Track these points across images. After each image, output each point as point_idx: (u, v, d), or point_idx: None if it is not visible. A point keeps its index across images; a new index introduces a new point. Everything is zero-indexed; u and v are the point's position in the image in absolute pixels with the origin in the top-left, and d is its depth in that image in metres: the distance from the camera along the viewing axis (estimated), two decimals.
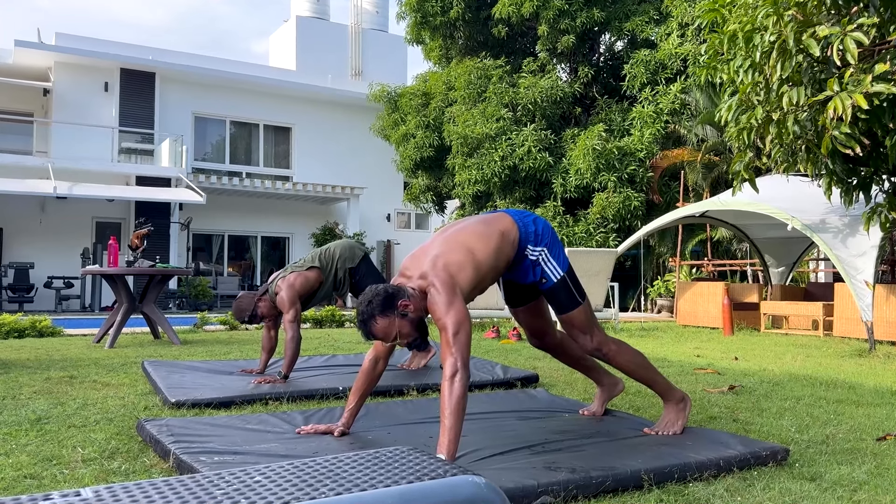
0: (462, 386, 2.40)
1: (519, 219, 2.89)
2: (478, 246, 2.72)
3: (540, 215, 3.13)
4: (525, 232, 2.86)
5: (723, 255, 15.18)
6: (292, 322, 4.38)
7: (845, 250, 7.42)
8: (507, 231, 2.82)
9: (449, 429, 2.35)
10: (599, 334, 2.98)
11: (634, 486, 2.34)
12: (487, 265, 2.72)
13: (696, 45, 13.05)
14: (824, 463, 2.71)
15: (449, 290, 2.56)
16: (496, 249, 2.75)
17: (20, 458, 2.69)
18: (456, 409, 2.37)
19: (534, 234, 2.87)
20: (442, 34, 16.67)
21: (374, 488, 1.34)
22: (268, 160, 20.21)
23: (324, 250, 4.75)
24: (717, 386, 4.60)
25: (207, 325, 9.37)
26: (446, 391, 2.39)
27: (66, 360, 5.71)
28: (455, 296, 2.56)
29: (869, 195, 5.86)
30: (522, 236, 2.85)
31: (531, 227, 2.89)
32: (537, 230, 2.88)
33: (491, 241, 2.76)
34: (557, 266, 2.88)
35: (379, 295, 2.57)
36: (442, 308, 2.52)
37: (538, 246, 2.86)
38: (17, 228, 16.63)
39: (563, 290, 2.89)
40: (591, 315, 2.97)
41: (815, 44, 4.64)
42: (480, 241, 2.74)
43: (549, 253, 2.87)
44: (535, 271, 2.87)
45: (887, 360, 6.26)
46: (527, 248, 2.85)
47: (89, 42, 17.99)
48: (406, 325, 2.59)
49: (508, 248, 2.81)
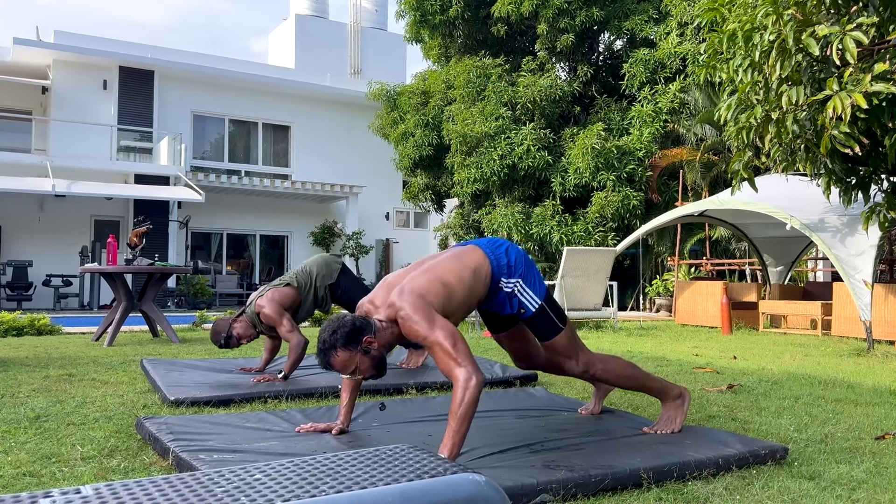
0: (477, 391, 2.38)
1: (490, 251, 2.82)
2: (450, 280, 2.66)
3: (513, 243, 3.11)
4: (497, 265, 2.79)
5: (721, 255, 15.19)
6: (291, 331, 4.33)
7: (844, 249, 7.42)
8: (478, 267, 2.75)
9: (455, 431, 2.34)
10: (584, 356, 2.94)
11: (634, 485, 2.34)
12: (458, 299, 2.66)
13: (696, 45, 13.05)
14: (823, 462, 2.71)
15: (422, 310, 2.51)
16: (468, 288, 2.69)
17: (19, 455, 2.69)
18: (466, 413, 2.36)
19: (506, 267, 2.80)
20: (441, 33, 16.65)
21: (374, 486, 1.34)
22: (267, 158, 20.20)
23: (300, 270, 4.70)
24: (716, 385, 4.61)
25: (206, 324, 9.36)
26: (459, 394, 2.36)
27: (64, 359, 5.71)
28: (431, 312, 2.51)
29: (868, 194, 5.86)
30: (495, 270, 2.78)
31: (503, 259, 2.81)
32: (510, 262, 2.81)
33: (463, 278, 2.69)
34: (534, 295, 2.82)
35: (345, 326, 2.52)
36: (424, 328, 2.47)
37: (512, 277, 2.80)
38: (16, 226, 16.62)
39: (542, 318, 2.84)
40: (574, 338, 2.93)
41: (815, 43, 4.64)
42: (453, 276, 2.68)
43: (524, 283, 2.81)
44: (511, 303, 2.81)
45: (886, 360, 6.27)
46: (501, 281, 2.79)
47: (88, 40, 17.96)
48: (366, 362, 2.55)
49: (480, 285, 2.74)
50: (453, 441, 2.34)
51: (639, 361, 5.86)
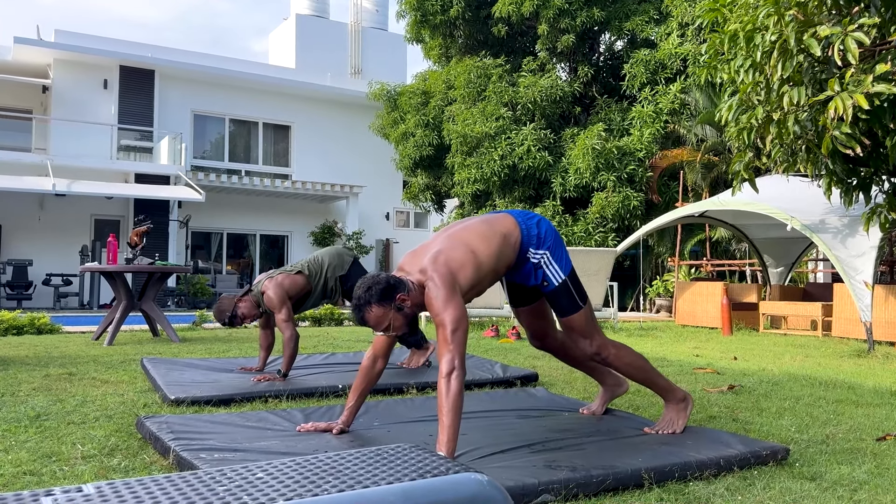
0: (458, 383, 2.40)
1: (522, 220, 2.87)
2: (480, 246, 2.71)
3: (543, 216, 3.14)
4: (528, 235, 2.84)
5: (722, 255, 15.19)
6: (286, 321, 4.32)
7: (844, 251, 7.42)
8: (509, 233, 2.80)
9: (447, 427, 2.35)
10: (599, 338, 2.96)
11: (635, 485, 2.34)
12: (487, 267, 2.70)
13: (696, 45, 13.05)
14: (824, 462, 2.71)
15: (448, 286, 2.55)
16: (497, 252, 2.74)
17: (19, 454, 2.69)
18: (453, 407, 2.37)
19: (536, 237, 2.84)
20: (442, 33, 16.66)
21: (376, 485, 1.34)
22: (267, 158, 20.20)
23: (312, 259, 4.68)
24: (717, 385, 4.60)
25: (206, 323, 9.36)
26: (443, 389, 2.40)
27: (64, 358, 5.71)
28: (454, 292, 2.55)
29: (869, 195, 5.86)
30: (525, 239, 2.83)
31: (534, 229, 2.86)
32: (540, 233, 2.86)
33: (493, 242, 2.74)
34: (560, 269, 2.86)
35: (380, 283, 2.57)
36: (440, 303, 2.52)
37: (540, 249, 2.84)
38: (16, 225, 16.61)
39: (564, 293, 2.87)
40: (592, 318, 2.96)
41: (816, 44, 4.64)
42: (482, 241, 2.72)
43: (551, 256, 2.85)
44: (537, 274, 2.85)
45: (886, 361, 6.26)
46: (529, 251, 2.83)
47: (89, 39, 17.96)
48: (399, 319, 2.59)
49: (509, 251, 2.79)
50: (447, 436, 2.35)
51: None
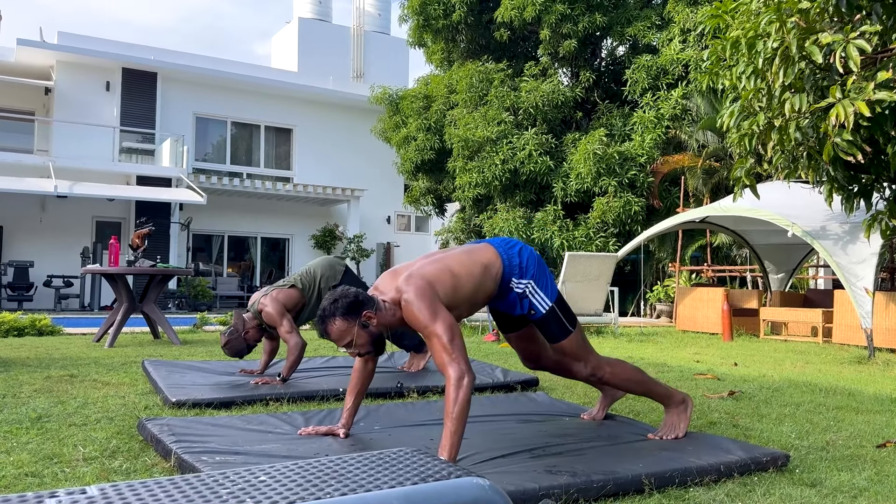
0: (469, 390, 2.39)
1: (503, 250, 2.80)
2: (459, 271, 2.65)
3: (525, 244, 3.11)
4: (509, 265, 2.78)
5: (722, 261, 15.19)
6: (290, 332, 4.35)
7: (845, 257, 7.43)
8: (490, 264, 2.74)
9: (453, 433, 2.35)
10: (593, 359, 2.93)
11: (635, 491, 2.34)
12: (465, 292, 2.65)
13: (698, 51, 13.06)
14: (824, 469, 2.71)
15: (427, 298, 2.50)
16: (477, 282, 2.68)
17: (21, 456, 2.69)
18: (461, 413, 2.37)
19: (518, 267, 2.79)
20: (444, 37, 16.69)
21: (378, 489, 1.34)
22: (268, 161, 20.22)
23: (304, 271, 4.73)
24: (717, 391, 4.60)
25: (207, 326, 9.37)
26: (452, 394, 2.37)
27: (66, 359, 5.71)
28: (436, 302, 2.50)
29: (870, 202, 5.87)
30: (507, 269, 2.77)
31: (515, 258, 2.80)
32: (522, 262, 2.80)
33: (473, 272, 2.68)
34: (545, 297, 2.81)
35: (347, 297, 2.54)
36: (426, 316, 2.46)
37: (524, 278, 2.78)
38: (18, 227, 16.63)
39: (553, 320, 2.83)
40: (583, 341, 2.92)
41: (818, 51, 4.65)
42: (462, 268, 2.67)
43: (535, 285, 2.80)
44: (522, 304, 2.80)
45: (887, 368, 6.26)
46: (511, 281, 2.77)
47: (91, 41, 18.00)
48: (363, 336, 2.55)
49: (490, 282, 2.73)
50: (451, 442, 2.35)
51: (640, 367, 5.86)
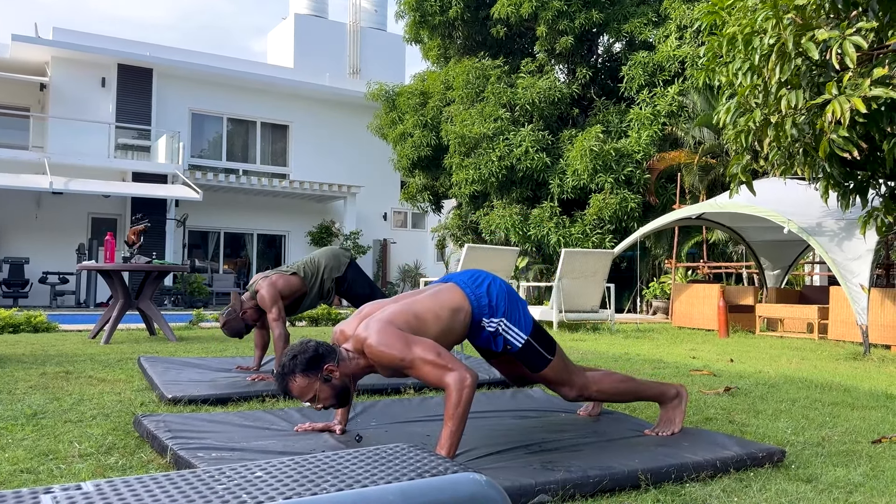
0: (472, 390, 2.38)
1: (470, 291, 2.71)
2: (425, 316, 2.57)
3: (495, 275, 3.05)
4: (478, 306, 2.69)
5: (718, 258, 15.22)
6: (277, 320, 4.31)
7: (841, 254, 7.44)
8: (457, 308, 2.65)
9: (453, 432, 2.36)
10: (578, 381, 2.85)
11: (631, 486, 2.35)
12: (430, 337, 2.56)
13: (695, 48, 13.07)
14: (820, 465, 2.72)
15: (391, 335, 2.42)
16: (444, 327, 2.60)
17: (16, 452, 2.68)
18: (463, 414, 2.37)
19: (488, 307, 2.70)
20: (440, 33, 16.67)
21: (375, 485, 1.34)
22: (265, 158, 20.19)
23: (308, 260, 4.67)
24: (713, 387, 4.61)
25: (203, 322, 9.35)
26: (454, 396, 2.35)
27: (61, 356, 5.70)
28: (402, 334, 2.43)
29: (866, 199, 5.88)
30: (476, 310, 2.69)
31: (484, 298, 2.71)
32: (491, 301, 2.71)
33: (440, 317, 2.60)
34: (520, 332, 2.73)
35: (306, 352, 2.46)
36: (398, 349, 2.39)
37: (494, 317, 2.70)
38: (13, 223, 16.59)
39: (530, 352, 2.76)
40: (566, 365, 2.84)
41: (814, 47, 4.66)
42: (429, 314, 2.59)
43: (507, 321, 2.72)
44: (496, 341, 2.73)
45: (882, 364, 6.28)
46: (482, 321, 2.70)
47: (87, 37, 17.94)
48: (326, 390, 2.48)
49: (458, 326, 2.65)
50: (451, 442, 2.35)
51: (635, 363, 5.87)
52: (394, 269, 21.53)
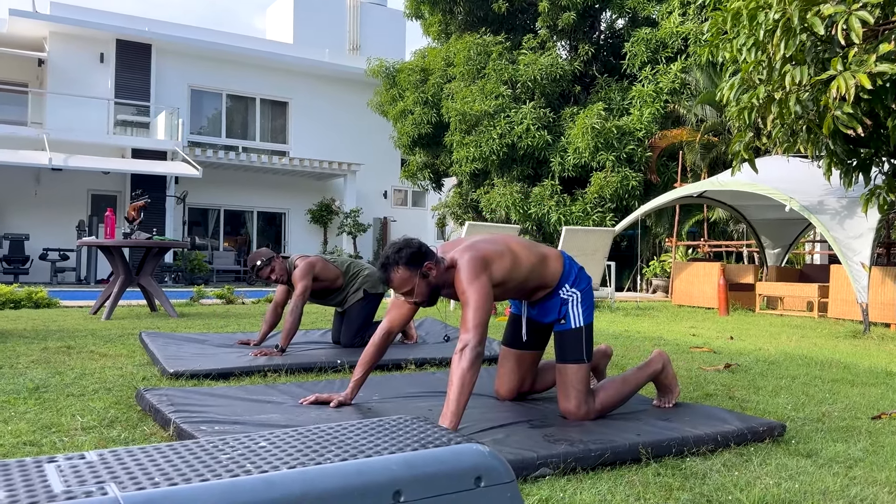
0: (470, 360, 2.41)
1: (567, 258, 2.92)
2: (519, 253, 2.74)
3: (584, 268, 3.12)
4: (569, 270, 2.86)
5: (719, 236, 15.21)
6: (300, 296, 4.38)
7: (843, 232, 7.43)
8: (550, 259, 2.83)
9: (453, 401, 2.37)
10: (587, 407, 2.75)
11: (633, 460, 2.36)
12: (520, 274, 2.72)
13: (698, 24, 12.96)
14: (820, 440, 2.73)
15: (477, 266, 2.57)
16: (531, 268, 2.75)
17: (19, 425, 2.69)
18: (462, 382, 2.38)
19: (575, 277, 2.87)
20: (441, 9, 16.51)
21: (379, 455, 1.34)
22: (264, 135, 20.10)
23: (355, 262, 4.88)
24: (713, 364, 4.63)
25: (204, 299, 9.37)
26: (455, 363, 2.41)
27: (63, 331, 5.71)
28: (482, 272, 2.56)
29: (869, 176, 5.86)
30: (566, 271, 2.85)
31: (575, 268, 2.90)
32: (579, 275, 2.90)
33: (531, 258, 2.76)
34: (582, 315, 2.85)
35: (411, 247, 2.60)
36: (465, 280, 2.53)
37: (574, 287, 2.86)
38: (12, 200, 16.55)
39: (575, 338, 2.81)
40: (587, 383, 2.79)
41: (820, 22, 4.61)
42: (523, 251, 2.76)
43: (580, 299, 2.85)
44: (560, 310, 2.84)
45: (882, 342, 6.30)
46: (564, 286, 2.85)
47: (84, 12, 17.78)
48: (423, 286, 2.61)
49: (546, 273, 2.80)
50: (451, 410, 2.37)
51: (636, 341, 5.89)
52: None
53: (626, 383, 2.91)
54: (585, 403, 2.76)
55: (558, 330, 2.84)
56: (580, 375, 2.78)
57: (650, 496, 2.05)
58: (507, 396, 3.07)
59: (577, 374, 2.77)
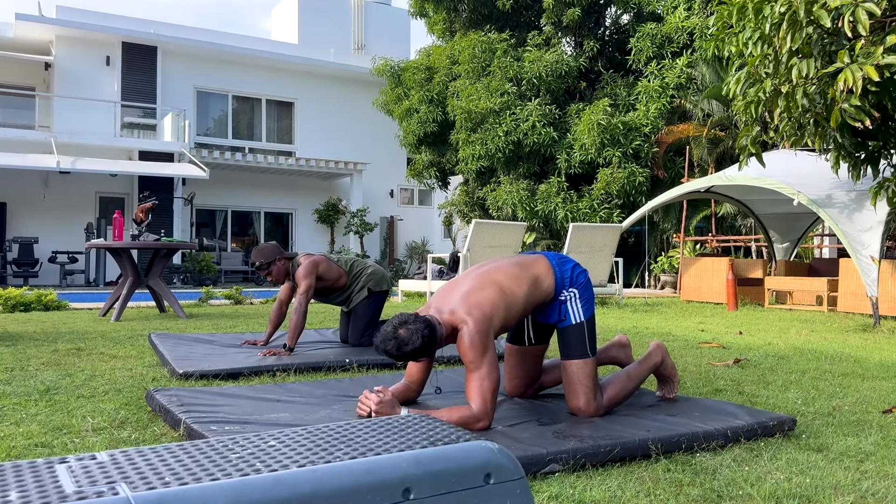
0: (476, 429, 2.48)
1: (556, 265, 2.84)
2: (511, 288, 2.68)
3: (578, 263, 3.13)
4: (561, 279, 2.81)
5: (727, 231, 15.15)
6: (304, 294, 4.38)
7: (851, 225, 7.39)
8: (541, 278, 2.77)
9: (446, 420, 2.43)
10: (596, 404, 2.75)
11: (642, 456, 2.35)
12: (516, 310, 2.68)
13: (703, 19, 12.91)
14: (831, 434, 2.72)
15: (484, 333, 2.54)
16: (526, 296, 2.71)
17: (30, 427, 2.71)
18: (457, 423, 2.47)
19: (569, 280, 2.83)
20: (445, 7, 16.50)
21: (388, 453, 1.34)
22: (270, 135, 20.14)
23: (360, 261, 4.83)
24: (723, 359, 4.61)
25: (212, 300, 9.40)
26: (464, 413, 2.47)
27: (72, 333, 5.74)
28: (490, 339, 2.55)
29: (877, 169, 5.82)
30: (558, 282, 2.81)
31: (567, 272, 2.84)
32: (573, 276, 2.84)
33: (523, 285, 2.71)
34: (581, 310, 2.82)
35: (411, 343, 2.52)
36: (477, 350, 2.51)
37: (571, 287, 2.83)
38: (21, 203, 16.64)
39: (577, 334, 2.80)
40: (594, 379, 2.78)
41: (826, 14, 4.58)
42: (514, 283, 2.70)
43: (578, 296, 2.82)
44: (560, 310, 2.82)
45: (892, 335, 6.26)
46: (561, 293, 2.82)
47: (90, 15, 17.85)
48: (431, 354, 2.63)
49: (540, 294, 2.76)
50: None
51: (644, 337, 5.87)
52: (401, 246, 21.53)
53: (631, 379, 2.92)
54: (594, 399, 2.76)
55: (560, 327, 2.84)
56: (587, 371, 2.77)
57: (660, 492, 2.04)
58: (514, 393, 3.07)
59: (584, 370, 2.77)
